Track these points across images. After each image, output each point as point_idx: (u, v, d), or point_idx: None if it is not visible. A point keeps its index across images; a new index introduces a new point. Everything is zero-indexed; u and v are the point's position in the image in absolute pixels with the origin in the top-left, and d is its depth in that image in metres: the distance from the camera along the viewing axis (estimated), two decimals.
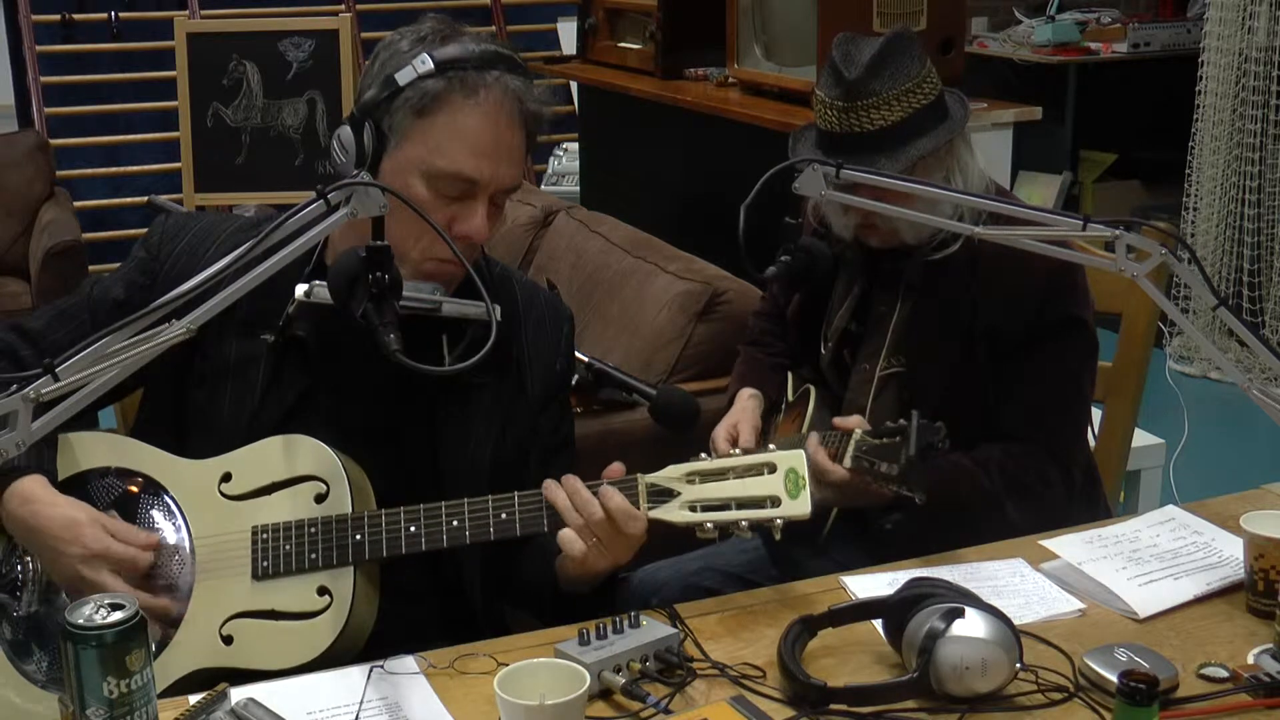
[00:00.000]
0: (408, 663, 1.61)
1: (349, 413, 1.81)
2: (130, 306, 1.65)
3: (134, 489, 1.78)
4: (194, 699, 1.49)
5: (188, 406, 1.83)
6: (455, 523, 1.69)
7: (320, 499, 1.72)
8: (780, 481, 1.66)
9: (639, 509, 1.67)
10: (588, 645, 1.56)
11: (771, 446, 1.69)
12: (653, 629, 1.61)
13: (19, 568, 1.74)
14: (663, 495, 1.68)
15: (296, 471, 1.73)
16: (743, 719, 1.48)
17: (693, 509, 1.67)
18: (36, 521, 1.69)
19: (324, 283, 1.68)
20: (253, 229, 1.85)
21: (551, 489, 1.69)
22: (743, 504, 1.66)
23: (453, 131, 1.72)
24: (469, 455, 1.83)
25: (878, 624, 1.63)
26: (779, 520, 1.65)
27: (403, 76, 1.73)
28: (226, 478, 1.75)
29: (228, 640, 1.69)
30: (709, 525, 1.66)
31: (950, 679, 1.49)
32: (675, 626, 1.65)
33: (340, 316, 1.66)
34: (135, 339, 1.48)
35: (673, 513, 1.67)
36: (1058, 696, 1.53)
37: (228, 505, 1.74)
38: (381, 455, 1.80)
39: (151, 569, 1.71)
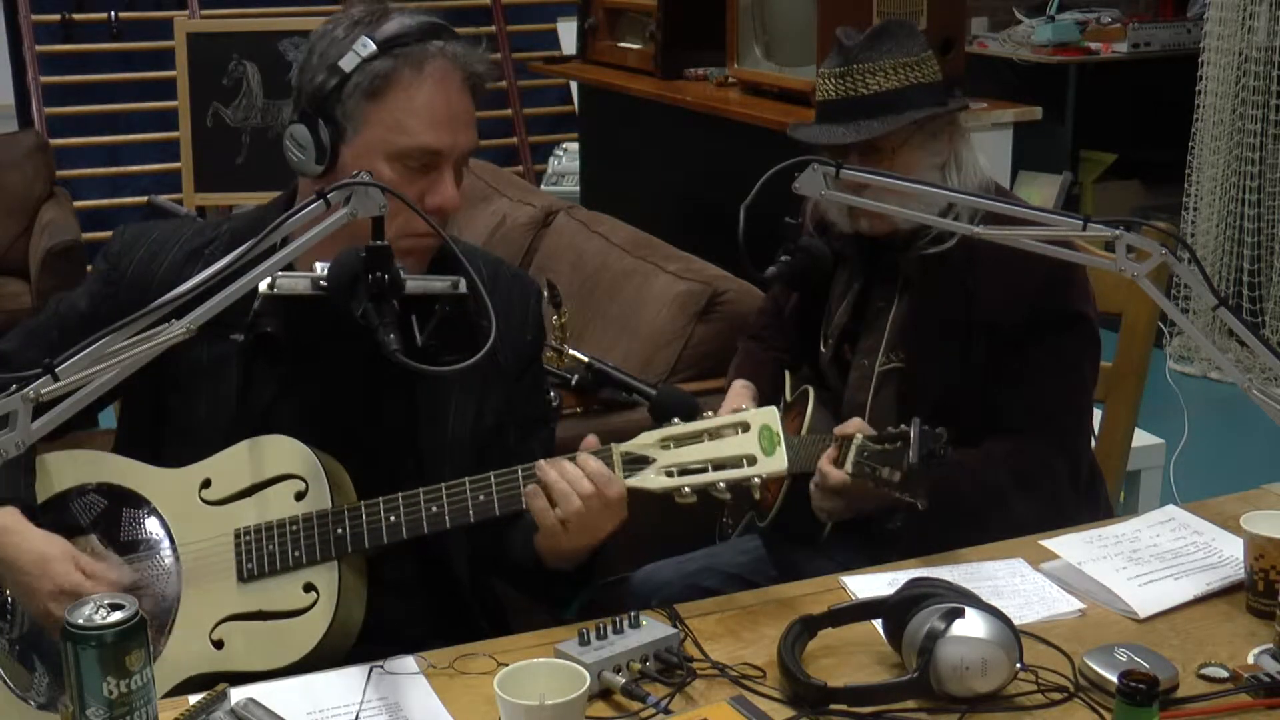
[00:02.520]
0: (408, 663, 1.61)
1: (327, 401, 1.81)
2: (96, 319, 1.63)
3: (115, 504, 1.77)
4: (194, 699, 1.50)
5: (165, 413, 1.82)
6: (434, 508, 1.68)
7: (300, 496, 1.72)
8: (755, 439, 1.63)
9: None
10: (588, 645, 1.56)
11: (744, 406, 1.67)
12: (653, 629, 1.61)
13: (8, 591, 1.74)
14: (638, 463, 1.66)
15: (274, 471, 1.73)
16: (743, 719, 1.48)
17: (669, 474, 1.65)
18: (9, 554, 1.69)
19: (287, 273, 1.66)
20: (213, 230, 1.86)
21: (543, 468, 1.67)
22: (719, 465, 1.64)
23: (409, 108, 1.73)
24: (448, 433, 1.83)
25: (878, 624, 1.63)
26: (756, 479, 1.63)
27: (347, 63, 1.73)
28: (206, 483, 1.75)
29: (219, 645, 1.69)
30: (686, 489, 1.64)
31: (950, 679, 1.49)
32: (675, 626, 1.65)
33: (308, 305, 1.66)
34: (135, 339, 1.48)
35: (649, 479, 1.65)
36: (1058, 696, 1.53)
37: (209, 511, 1.74)
38: (362, 440, 1.80)
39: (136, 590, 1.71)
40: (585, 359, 2.70)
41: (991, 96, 4.19)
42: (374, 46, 1.73)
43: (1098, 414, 2.37)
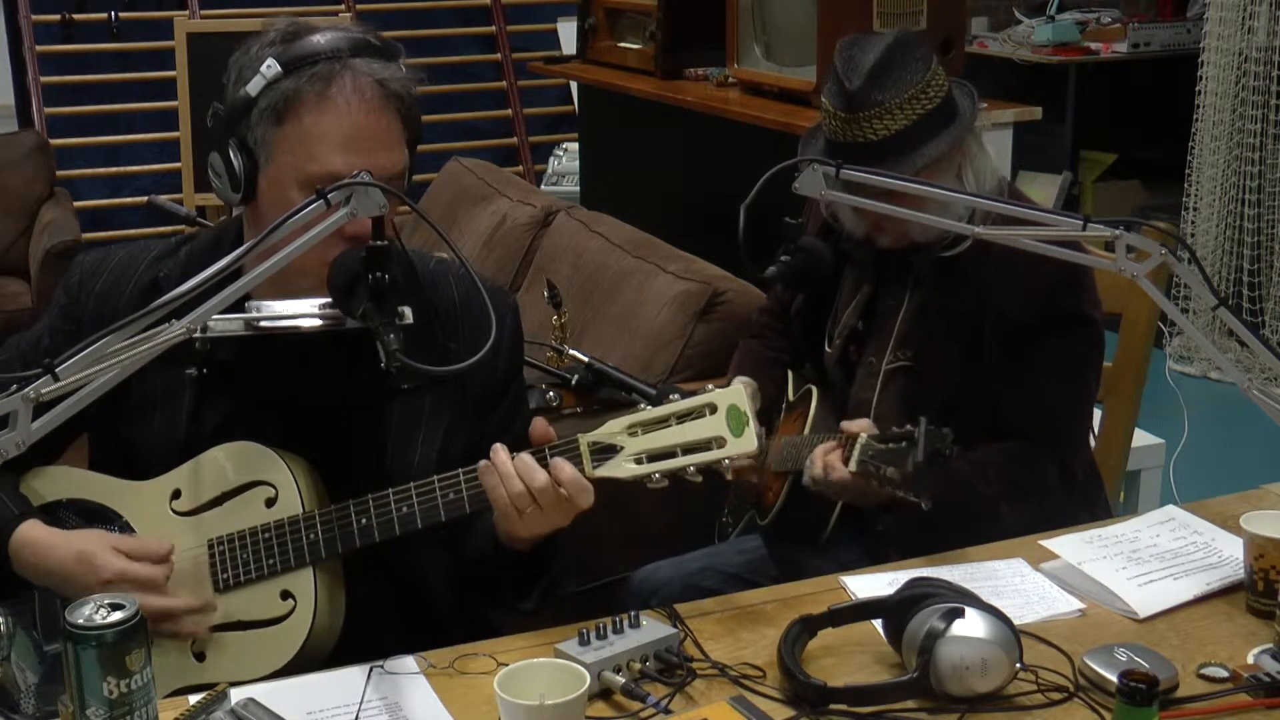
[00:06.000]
0: (408, 663, 1.61)
1: (285, 431, 1.76)
2: (60, 353, 1.53)
3: (88, 521, 1.76)
4: (194, 699, 1.49)
5: (124, 442, 1.80)
6: (405, 509, 1.67)
7: (270, 503, 1.71)
8: (723, 421, 1.60)
9: (584, 469, 1.62)
10: (588, 645, 1.56)
11: (710, 387, 1.65)
12: (653, 629, 1.61)
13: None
14: (606, 452, 1.63)
15: (243, 479, 1.72)
16: (743, 719, 1.48)
17: (639, 461, 1.62)
18: (49, 564, 1.69)
19: (221, 316, 1.61)
20: (169, 257, 1.82)
21: (500, 463, 1.63)
22: (688, 449, 1.61)
23: (316, 133, 1.65)
24: (415, 465, 1.78)
25: (878, 624, 1.63)
26: (727, 460, 1.61)
27: (253, 87, 1.67)
28: (176, 494, 1.74)
29: (200, 657, 1.69)
30: (657, 475, 1.61)
31: (950, 679, 1.49)
32: (675, 626, 1.65)
33: (265, 338, 1.64)
34: (135, 339, 1.48)
35: (619, 468, 1.62)
36: (1058, 696, 1.53)
37: (181, 522, 1.74)
38: (324, 469, 1.76)
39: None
40: (585, 359, 2.70)
41: (991, 96, 4.18)
42: (279, 68, 1.65)
43: (1097, 414, 2.37)
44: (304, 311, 1.66)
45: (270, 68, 1.66)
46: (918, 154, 2.02)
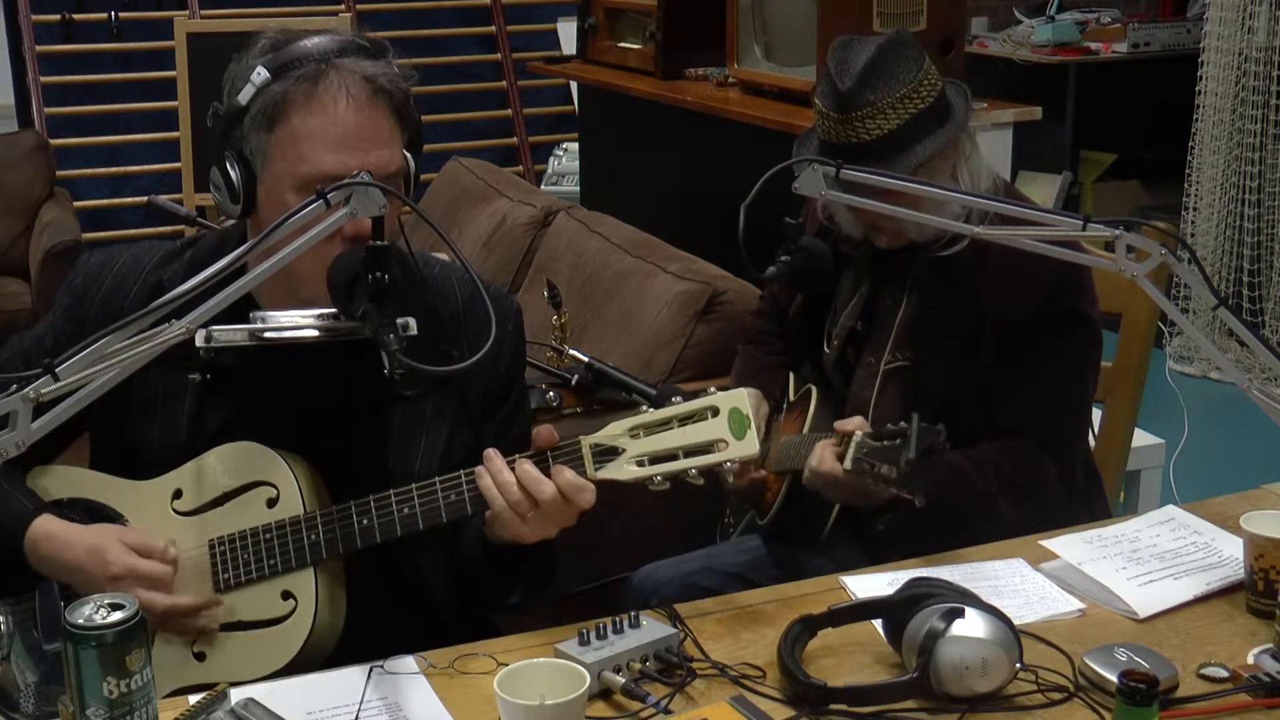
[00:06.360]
0: (408, 663, 1.61)
1: (286, 436, 1.76)
2: (61, 353, 1.52)
3: (88, 520, 1.76)
4: (194, 699, 1.49)
5: (126, 441, 1.80)
6: (406, 510, 1.67)
7: (272, 503, 1.71)
8: (724, 424, 1.61)
9: (585, 471, 1.63)
10: (588, 645, 1.56)
11: (712, 389, 1.66)
12: (653, 629, 1.61)
13: None
14: (608, 454, 1.63)
15: (245, 479, 1.72)
16: (743, 719, 1.48)
17: (640, 464, 1.62)
18: (63, 557, 1.69)
19: (223, 326, 1.62)
20: (174, 259, 1.82)
21: (495, 471, 1.63)
22: (690, 451, 1.61)
23: (305, 134, 1.65)
24: (417, 469, 1.77)
25: (878, 624, 1.63)
26: (728, 463, 1.61)
27: (244, 96, 1.67)
28: (177, 494, 1.75)
29: (200, 657, 1.70)
30: (658, 478, 1.62)
31: (950, 679, 1.49)
32: (675, 626, 1.65)
33: (260, 347, 1.64)
34: (135, 339, 1.48)
35: (620, 470, 1.63)
36: (1058, 696, 1.53)
37: (182, 522, 1.74)
38: (325, 474, 1.76)
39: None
40: (585, 359, 2.70)
41: (991, 96, 4.18)
42: (267, 74, 1.66)
43: (1097, 414, 2.37)
44: (307, 323, 1.67)
45: (259, 75, 1.67)
46: (911, 154, 2.02)
